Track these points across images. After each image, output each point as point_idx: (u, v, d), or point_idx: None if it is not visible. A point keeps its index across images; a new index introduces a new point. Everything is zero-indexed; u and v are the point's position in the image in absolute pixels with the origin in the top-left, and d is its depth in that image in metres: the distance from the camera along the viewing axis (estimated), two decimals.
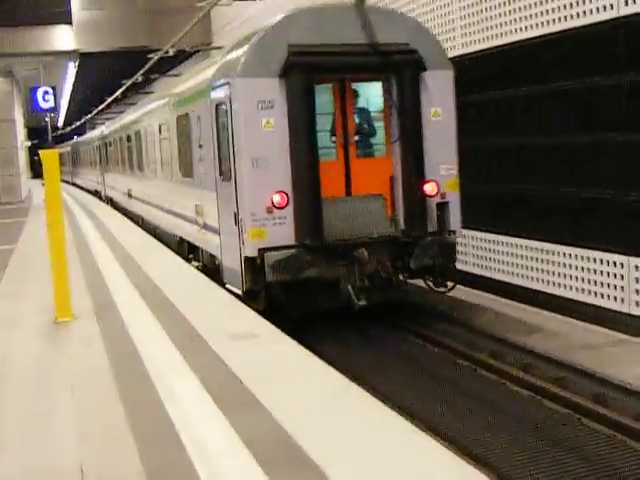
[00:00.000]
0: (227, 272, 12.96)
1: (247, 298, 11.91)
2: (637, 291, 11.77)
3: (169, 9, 29.22)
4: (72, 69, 39.18)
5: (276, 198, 11.85)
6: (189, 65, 37.27)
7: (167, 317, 9.62)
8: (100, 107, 56.49)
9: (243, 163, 11.84)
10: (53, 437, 5.91)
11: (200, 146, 14.18)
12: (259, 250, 11.78)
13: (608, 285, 12.35)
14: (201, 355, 7.76)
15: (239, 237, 12.10)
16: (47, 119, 40.18)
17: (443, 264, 12.58)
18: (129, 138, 24.69)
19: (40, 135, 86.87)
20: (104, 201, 34.82)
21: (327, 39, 12.10)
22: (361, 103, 13.32)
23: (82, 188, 48.92)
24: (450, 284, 12.81)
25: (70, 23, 31.29)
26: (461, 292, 13.99)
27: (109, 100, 49.54)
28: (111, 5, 31.27)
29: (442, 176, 12.70)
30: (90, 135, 46.59)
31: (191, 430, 5.72)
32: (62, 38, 31.64)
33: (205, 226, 14.37)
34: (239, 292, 12.21)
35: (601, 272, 12.50)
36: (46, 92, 30.92)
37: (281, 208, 11.89)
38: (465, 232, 14.10)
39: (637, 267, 11.73)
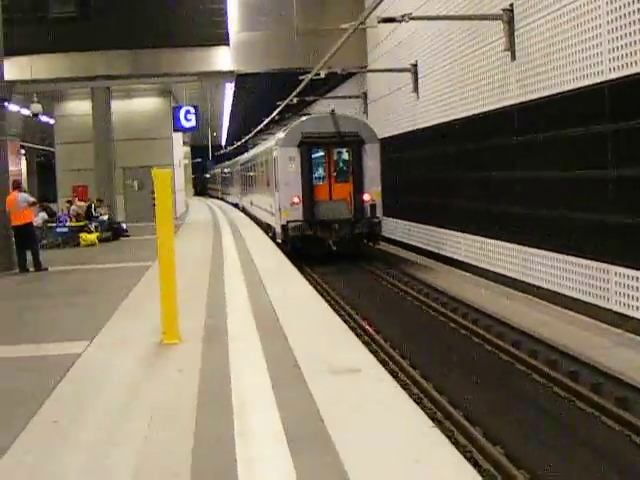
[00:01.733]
0: (276, 233, 27.06)
1: (283, 244, 25.45)
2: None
3: (325, 30, 29.16)
4: (230, 90, 39.75)
5: (295, 199, 25.43)
6: (347, 86, 37.32)
7: (273, 345, 9.30)
8: (258, 127, 57.38)
9: (281, 184, 25.94)
10: (108, 470, 5.72)
11: (270, 176, 28.50)
12: (287, 221, 25.43)
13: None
14: (292, 389, 7.41)
15: (280, 216, 25.83)
16: (208, 138, 43.61)
17: (371, 232, 25.66)
18: (249, 169, 41.52)
19: (203, 154, 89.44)
20: (240, 209, 48.27)
21: (320, 130, 26.02)
22: (336, 157, 26.51)
23: (226, 201, 66.25)
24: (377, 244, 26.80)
25: (228, 44, 31.69)
26: (385, 247, 28.00)
27: (266, 121, 50.22)
28: (267, 27, 31.49)
29: (372, 191, 25.68)
30: (229, 163, 67.40)
31: (251, 471, 5.42)
32: (220, 59, 32.04)
33: (270, 212, 28.93)
34: (279, 241, 25.93)
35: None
36: (188, 112, 31.46)
37: (296, 203, 25.43)
38: (385, 218, 27.35)
39: None
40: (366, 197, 25.54)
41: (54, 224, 26.25)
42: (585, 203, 14.85)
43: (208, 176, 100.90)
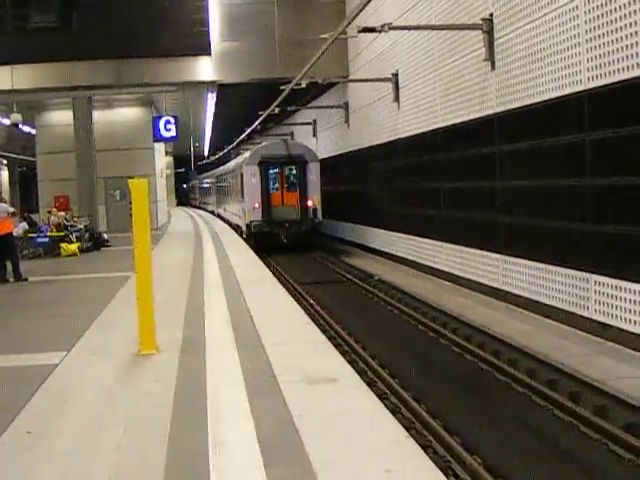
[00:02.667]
0: (243, 231, 34.28)
1: (247, 240, 31.44)
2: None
3: (306, 41, 29.20)
4: (212, 100, 39.70)
5: (256, 204, 33.06)
6: (329, 96, 37.36)
7: (250, 355, 9.27)
8: (240, 137, 57.39)
9: (246, 193, 33.82)
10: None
11: (238, 188, 36.34)
12: (250, 221, 33.03)
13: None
14: (268, 400, 7.38)
15: (245, 217, 33.51)
16: (191, 148, 46.48)
17: (313, 229, 33.43)
18: (221, 181, 52.44)
19: (185, 164, 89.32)
20: (215, 215, 57.06)
21: (275, 153, 34.31)
22: (287, 173, 34.37)
23: (204, 209, 73.65)
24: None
25: (209, 54, 31.67)
26: (326, 241, 35.68)
27: (248, 131, 50.23)
28: (249, 37, 31.51)
29: (314, 198, 33.12)
30: (206, 176, 76.81)
31: None
32: (202, 69, 31.99)
33: (245, 209, 34.36)
34: (245, 236, 33.40)
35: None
36: (168, 122, 31.30)
37: (257, 208, 32.99)
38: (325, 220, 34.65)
39: None
40: (309, 203, 33.67)
41: (35, 234, 26.14)
42: (561, 212, 14.95)
43: (189, 186, 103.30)
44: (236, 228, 38.56)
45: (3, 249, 18.49)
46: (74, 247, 25.60)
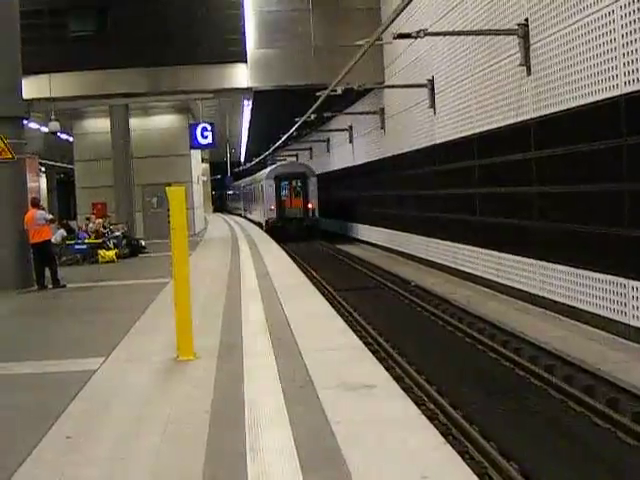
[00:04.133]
0: (263, 225, 47.34)
1: (267, 232, 41.68)
2: None
3: (341, 47, 29.24)
4: (248, 106, 39.86)
5: (272, 207, 47.05)
6: (365, 102, 37.37)
7: (287, 361, 9.29)
8: (276, 144, 57.58)
9: (265, 199, 47.91)
10: None
11: (260, 195, 50.41)
12: (268, 219, 46.98)
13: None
14: (304, 406, 7.40)
15: (264, 216, 47.83)
16: (227, 155, 53.07)
17: (312, 226, 45.88)
18: (247, 190, 67.62)
19: (221, 170, 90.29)
20: (243, 217, 70.73)
21: (285, 171, 49.17)
22: (294, 185, 47.75)
23: (233, 213, 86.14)
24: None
25: (245, 61, 31.81)
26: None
27: (284, 137, 50.38)
28: (284, 44, 31.63)
29: (312, 202, 46.35)
30: (235, 185, 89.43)
31: None
32: (238, 76, 32.12)
33: (265, 210, 47.66)
34: (264, 229, 45.29)
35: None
36: (204, 129, 31.51)
37: (273, 209, 47.06)
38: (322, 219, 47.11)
39: None
40: (310, 206, 46.87)
41: (73, 241, 26.37)
42: (599, 217, 14.88)
43: (225, 193, 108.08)
44: (257, 224, 51.95)
45: (42, 256, 18.69)
46: (112, 254, 25.80)
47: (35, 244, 18.71)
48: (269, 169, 52.62)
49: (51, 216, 19.41)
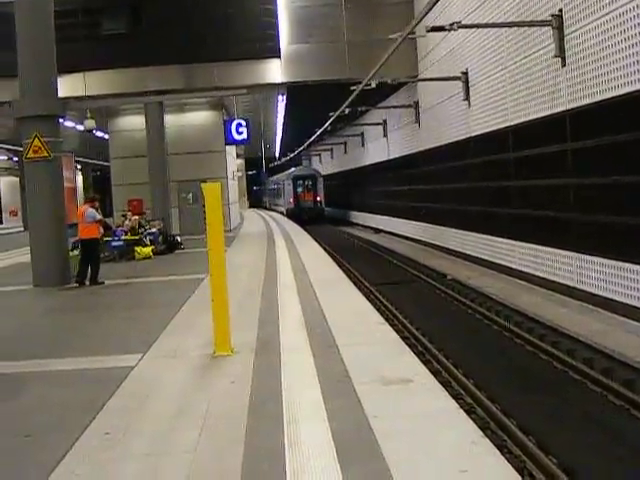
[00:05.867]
0: (284, 213, 65.63)
1: (288, 217, 59.64)
2: None
3: (375, 41, 29.18)
4: (282, 102, 39.93)
5: (291, 199, 65.68)
6: (399, 96, 37.28)
7: (325, 356, 9.31)
8: (311, 139, 57.60)
9: (286, 194, 67.93)
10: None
11: (284, 190, 69.33)
12: (287, 209, 65.60)
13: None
14: (342, 400, 7.41)
15: (285, 206, 67.12)
16: (262, 151, 55.92)
17: (320, 214, 64.31)
18: (274, 186, 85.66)
19: (256, 166, 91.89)
20: (266, 208, 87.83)
21: (300, 174, 69.15)
22: (306, 183, 66.55)
23: (261, 207, 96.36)
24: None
25: (279, 57, 31.86)
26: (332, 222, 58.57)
27: (319, 132, 50.33)
28: (317, 38, 31.63)
29: (320, 196, 66.14)
30: (269, 180, 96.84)
31: None
32: (271, 71, 32.17)
33: (286, 202, 67.34)
34: (285, 215, 63.34)
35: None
36: (239, 124, 31.57)
37: (291, 202, 65.57)
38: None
39: None
40: (318, 199, 65.32)
41: (110, 238, 26.51)
42: (635, 209, 14.75)
43: (260, 188, 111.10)
44: (280, 213, 69.22)
45: (87, 253, 18.83)
46: (148, 250, 25.91)
47: (82, 240, 18.92)
48: (288, 172, 74.30)
49: (100, 217, 19.42)
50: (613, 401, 10.88)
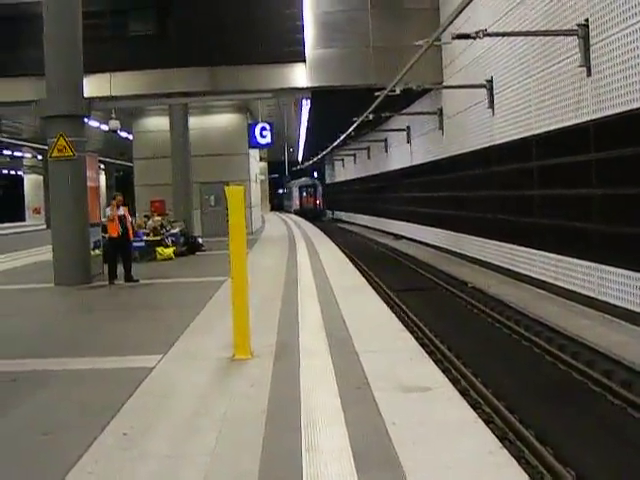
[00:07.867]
0: (292, 212, 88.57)
1: (295, 214, 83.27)
2: None
3: (400, 47, 29.15)
4: (306, 106, 39.97)
5: (297, 202, 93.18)
6: (423, 102, 37.24)
7: (344, 362, 9.30)
8: (334, 143, 57.62)
9: (294, 198, 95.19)
10: None
11: (293, 195, 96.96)
12: (294, 209, 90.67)
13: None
14: (360, 406, 7.41)
15: (292, 207, 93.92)
16: (285, 155, 55.47)
17: (320, 214, 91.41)
18: (288, 190, 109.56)
19: (279, 169, 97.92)
20: (288, 211, 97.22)
21: (304, 183, 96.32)
22: (309, 190, 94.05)
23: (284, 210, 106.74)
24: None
25: (304, 61, 31.87)
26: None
27: (342, 137, 50.37)
28: (342, 44, 31.63)
29: (320, 200, 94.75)
30: (288, 185, 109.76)
31: None
32: (296, 76, 32.18)
33: (294, 204, 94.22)
34: (293, 215, 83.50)
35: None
36: (263, 128, 31.60)
37: (297, 204, 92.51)
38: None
39: None
40: (317, 202, 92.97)
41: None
42: None
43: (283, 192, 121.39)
44: (290, 212, 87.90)
45: (115, 251, 19.00)
46: (170, 251, 25.99)
47: (110, 238, 19.22)
48: (296, 181, 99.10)
49: (109, 214, 19.50)
50: (632, 414, 10.82)
